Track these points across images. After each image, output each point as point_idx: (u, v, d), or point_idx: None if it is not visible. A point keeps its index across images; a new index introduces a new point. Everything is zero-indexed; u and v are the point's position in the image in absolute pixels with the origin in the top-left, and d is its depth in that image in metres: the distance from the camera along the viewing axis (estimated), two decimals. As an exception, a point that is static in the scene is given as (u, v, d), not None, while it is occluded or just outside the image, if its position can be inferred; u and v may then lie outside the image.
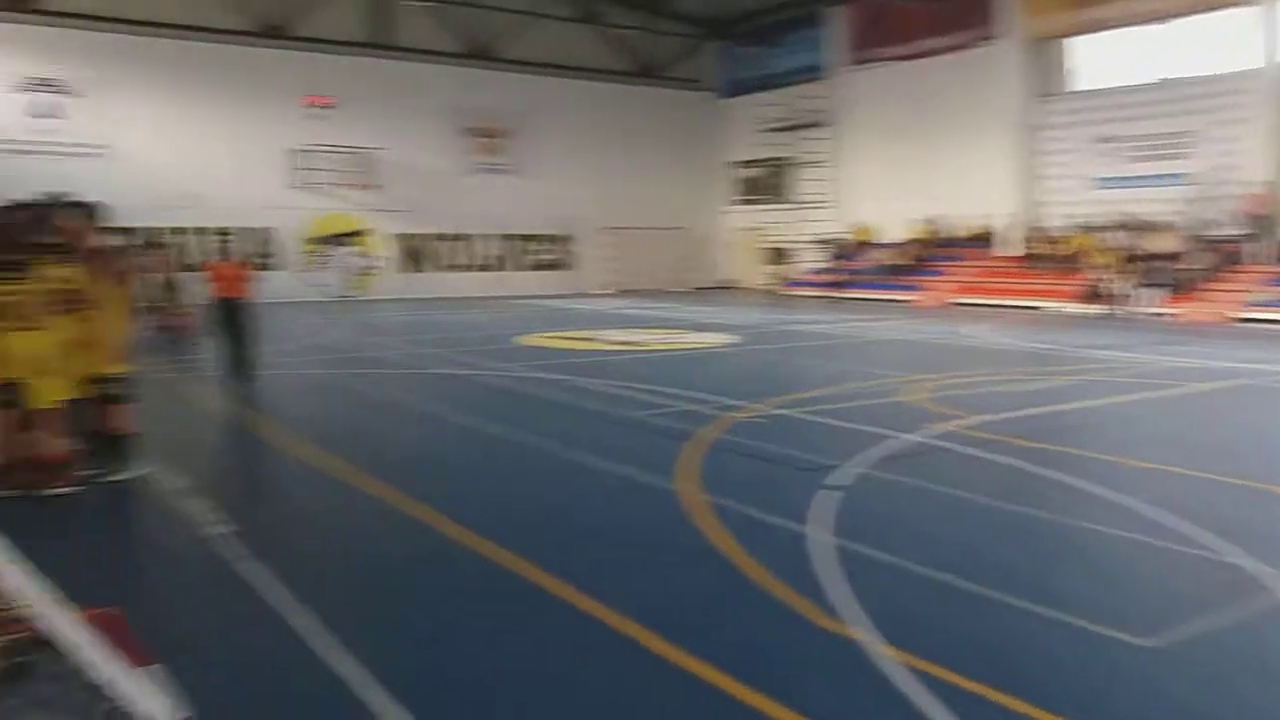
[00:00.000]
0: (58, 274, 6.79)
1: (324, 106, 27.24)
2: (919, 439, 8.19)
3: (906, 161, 28.65)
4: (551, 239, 31.62)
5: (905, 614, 4.45)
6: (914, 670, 3.86)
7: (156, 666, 3.76)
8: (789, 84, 31.75)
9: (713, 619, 4.48)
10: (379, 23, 28.30)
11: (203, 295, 12.12)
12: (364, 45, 28.05)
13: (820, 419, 9.28)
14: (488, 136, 30.34)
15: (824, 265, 29.22)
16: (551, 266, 31.65)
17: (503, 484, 7.15)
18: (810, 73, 31.28)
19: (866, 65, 29.71)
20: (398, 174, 28.28)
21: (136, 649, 3.95)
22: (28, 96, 23.85)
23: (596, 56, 32.08)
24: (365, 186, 27.75)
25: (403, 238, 29.04)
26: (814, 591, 4.71)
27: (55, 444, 6.74)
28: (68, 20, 23.93)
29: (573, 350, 15.32)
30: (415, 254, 29.36)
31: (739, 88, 33.91)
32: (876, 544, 5.41)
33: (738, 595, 4.76)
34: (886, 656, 3.99)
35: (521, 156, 30.78)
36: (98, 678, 3.33)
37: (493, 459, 8.00)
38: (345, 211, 27.98)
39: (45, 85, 24.01)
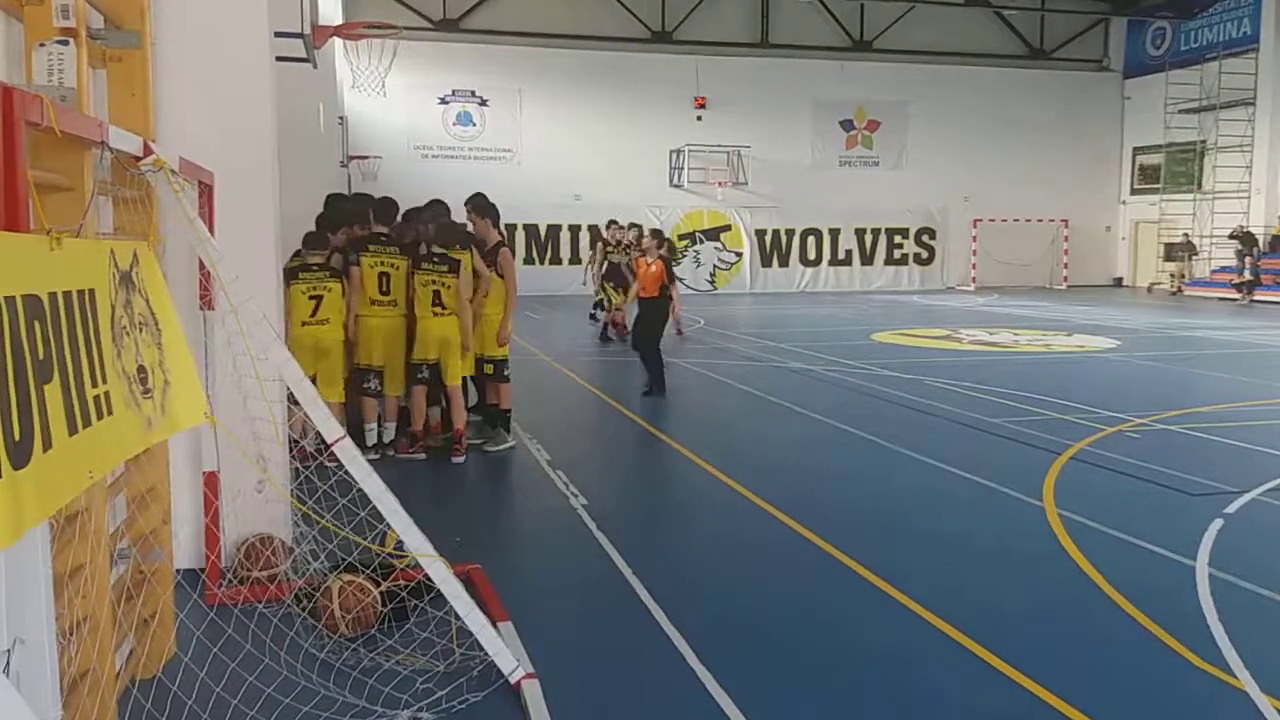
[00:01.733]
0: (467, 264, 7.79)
1: (699, 107, 28.43)
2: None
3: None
4: (913, 232, 30.61)
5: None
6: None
7: (510, 623, 4.28)
8: (1209, 59, 28.14)
9: (1077, 651, 4.21)
10: (760, 22, 28.97)
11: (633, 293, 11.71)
12: (745, 45, 28.86)
13: (1210, 437, 8.31)
14: (854, 130, 29.99)
15: (1233, 263, 25.68)
16: (912, 261, 30.67)
17: (849, 488, 7.12)
18: (1237, 45, 27.58)
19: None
20: (763, 169, 28.75)
21: (497, 604, 4.50)
22: (450, 108, 27.20)
23: (982, 41, 30.48)
24: (734, 183, 28.56)
25: (762, 232, 29.55)
26: (1190, 629, 4.36)
27: (457, 417, 7.72)
28: (482, 36, 26.96)
29: (930, 349, 14.81)
30: (774, 248, 29.75)
31: (1146, 65, 30.62)
32: (1260, 580, 4.93)
33: (1107, 628, 4.45)
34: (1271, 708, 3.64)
35: (888, 148, 30.09)
36: (464, 627, 3.86)
37: (839, 459, 8.01)
38: (711, 208, 28.98)
39: (463, 97, 27.23)
